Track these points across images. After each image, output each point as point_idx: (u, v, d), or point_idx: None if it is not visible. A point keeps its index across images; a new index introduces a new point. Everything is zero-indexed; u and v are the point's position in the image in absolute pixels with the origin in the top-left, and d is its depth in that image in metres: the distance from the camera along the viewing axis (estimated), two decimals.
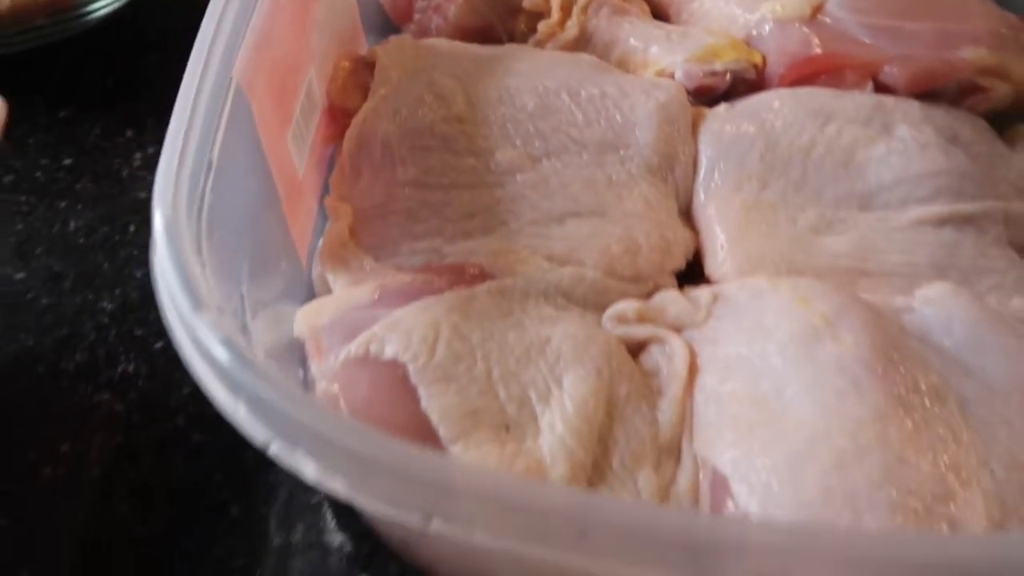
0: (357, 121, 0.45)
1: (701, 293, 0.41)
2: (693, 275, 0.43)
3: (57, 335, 0.46)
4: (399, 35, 0.52)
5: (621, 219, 0.43)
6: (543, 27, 0.53)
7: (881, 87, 0.48)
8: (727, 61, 0.49)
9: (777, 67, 0.49)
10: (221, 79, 0.35)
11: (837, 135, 0.45)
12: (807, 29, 0.49)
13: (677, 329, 0.39)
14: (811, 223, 0.43)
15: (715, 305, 0.40)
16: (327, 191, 0.44)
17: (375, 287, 0.39)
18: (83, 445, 0.42)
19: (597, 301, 0.40)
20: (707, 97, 0.49)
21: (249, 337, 0.32)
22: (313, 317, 0.38)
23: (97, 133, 0.56)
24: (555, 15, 0.53)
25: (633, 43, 0.52)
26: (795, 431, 0.34)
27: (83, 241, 0.50)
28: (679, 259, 0.43)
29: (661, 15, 0.56)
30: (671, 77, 0.49)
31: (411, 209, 0.42)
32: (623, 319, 0.40)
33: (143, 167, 0.54)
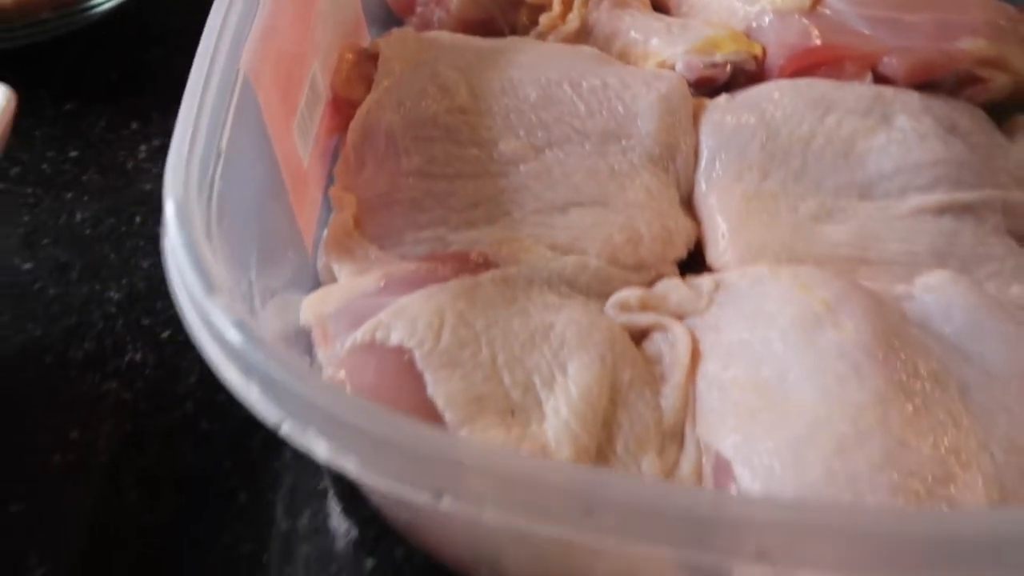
0: (361, 112, 0.45)
1: (703, 281, 0.41)
2: (695, 264, 0.44)
3: (65, 325, 0.46)
4: (402, 28, 0.52)
5: (623, 208, 0.43)
6: (545, 20, 0.53)
7: (880, 78, 0.49)
8: (727, 53, 0.50)
9: (777, 58, 0.50)
10: (229, 70, 0.36)
11: (837, 125, 0.46)
12: (807, 20, 0.50)
13: (679, 317, 0.40)
14: (812, 212, 0.43)
15: (717, 293, 0.40)
16: (331, 182, 0.44)
17: (380, 275, 0.39)
18: (91, 433, 0.42)
19: (600, 289, 0.41)
20: (708, 88, 0.50)
21: (258, 323, 0.32)
22: (319, 305, 0.39)
23: (102, 126, 0.56)
24: (556, 8, 0.53)
25: (634, 35, 0.52)
26: (797, 416, 0.34)
27: (89, 232, 0.51)
28: (681, 248, 0.43)
29: (661, 7, 0.57)
30: (672, 69, 0.50)
31: (415, 199, 0.42)
32: (626, 307, 0.40)
33: (148, 159, 0.54)
